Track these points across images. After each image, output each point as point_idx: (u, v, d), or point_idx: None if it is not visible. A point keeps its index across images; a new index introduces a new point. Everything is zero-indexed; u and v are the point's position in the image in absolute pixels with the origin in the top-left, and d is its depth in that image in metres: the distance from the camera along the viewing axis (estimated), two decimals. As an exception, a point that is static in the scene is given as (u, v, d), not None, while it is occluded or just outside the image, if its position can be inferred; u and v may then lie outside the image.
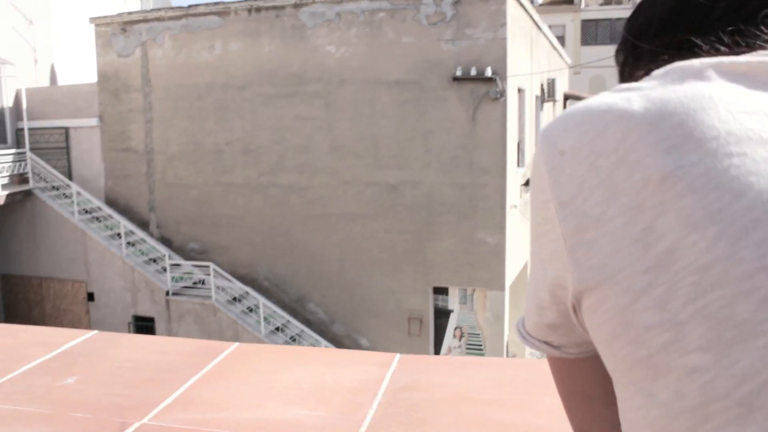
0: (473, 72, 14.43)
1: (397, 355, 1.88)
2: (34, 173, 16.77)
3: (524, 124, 16.71)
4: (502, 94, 14.43)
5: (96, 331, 2.05)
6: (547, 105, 20.16)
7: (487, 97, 14.54)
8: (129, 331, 16.31)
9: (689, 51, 0.63)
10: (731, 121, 0.54)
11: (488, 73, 14.34)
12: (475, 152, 14.80)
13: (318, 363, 1.86)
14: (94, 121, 17.33)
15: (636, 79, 0.68)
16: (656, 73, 0.61)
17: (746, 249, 0.50)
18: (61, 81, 19.98)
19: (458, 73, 14.55)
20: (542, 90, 19.06)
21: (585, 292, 0.59)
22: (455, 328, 15.88)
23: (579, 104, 0.63)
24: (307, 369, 1.81)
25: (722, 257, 0.50)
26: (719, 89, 0.56)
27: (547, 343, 0.70)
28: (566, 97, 23.43)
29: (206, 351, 1.93)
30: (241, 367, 1.82)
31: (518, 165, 16.18)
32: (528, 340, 0.72)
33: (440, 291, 15.73)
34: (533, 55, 17.49)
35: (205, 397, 1.64)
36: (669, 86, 0.58)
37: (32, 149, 17.11)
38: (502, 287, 15.02)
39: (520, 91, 16.09)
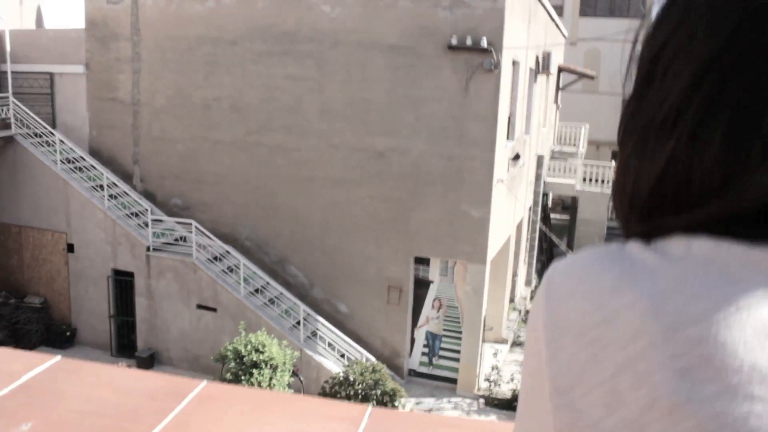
0: (469, 41, 14.23)
1: (369, 409, 1.82)
2: (16, 119, 16.45)
3: (517, 96, 16.56)
4: (497, 65, 14.25)
5: (59, 357, 1.97)
6: (541, 78, 19.98)
7: (482, 68, 14.36)
8: (108, 285, 16.22)
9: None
10: (757, 349, 0.46)
11: (484, 43, 14.14)
12: (465, 123, 14.68)
13: (286, 415, 1.79)
14: (80, 68, 16.97)
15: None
16: (677, 248, 0.53)
17: None
18: (48, 24, 19.50)
19: (453, 41, 14.33)
20: (537, 62, 18.86)
21: None
22: (434, 299, 15.95)
23: (591, 261, 0.56)
24: (274, 422, 1.74)
25: None
26: (749, 297, 0.48)
27: None
28: (560, 70, 23.24)
29: (171, 392, 1.86)
30: (205, 416, 1.75)
31: (508, 138, 16.08)
32: None
33: (421, 261, 15.75)
34: (530, 26, 17.25)
35: (165, 457, 1.57)
36: (691, 277, 0.50)
37: (15, 94, 16.76)
38: (483, 261, 15.05)
39: (514, 63, 15.91)
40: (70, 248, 16.47)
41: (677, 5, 0.57)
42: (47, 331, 16.45)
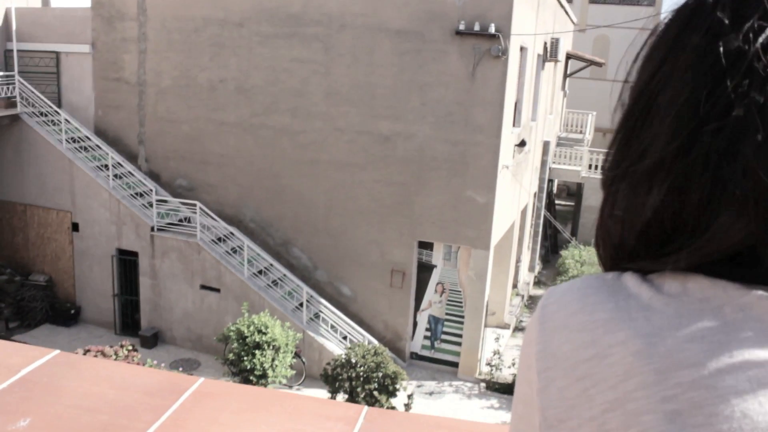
0: (476, 27, 14.14)
1: (365, 409, 1.83)
2: (22, 97, 16.42)
3: (524, 83, 16.47)
4: (504, 52, 14.17)
5: (57, 351, 1.98)
6: (549, 64, 19.86)
7: (489, 54, 14.29)
8: (112, 265, 16.29)
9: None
10: (750, 399, 0.45)
11: (492, 29, 14.06)
12: (471, 109, 14.63)
13: (282, 414, 1.80)
14: (86, 48, 16.92)
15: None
16: (673, 285, 0.53)
17: None
18: (54, 3, 19.39)
19: (461, 27, 14.25)
20: (545, 49, 18.74)
21: None
22: (437, 284, 15.98)
23: (587, 292, 0.56)
24: (270, 422, 1.76)
25: None
26: (741, 342, 0.48)
27: None
28: (569, 57, 23.10)
29: (169, 388, 1.87)
30: (201, 415, 1.77)
31: (514, 125, 16.02)
32: None
33: (425, 245, 15.76)
34: (539, 13, 17.13)
35: (161, 456, 1.58)
36: (685, 317, 0.50)
37: (20, 73, 16.72)
38: (487, 247, 15.06)
39: (522, 49, 15.82)
40: (75, 227, 16.51)
41: (664, 42, 0.57)
42: (52, 308, 16.54)
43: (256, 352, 12.26)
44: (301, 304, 15.32)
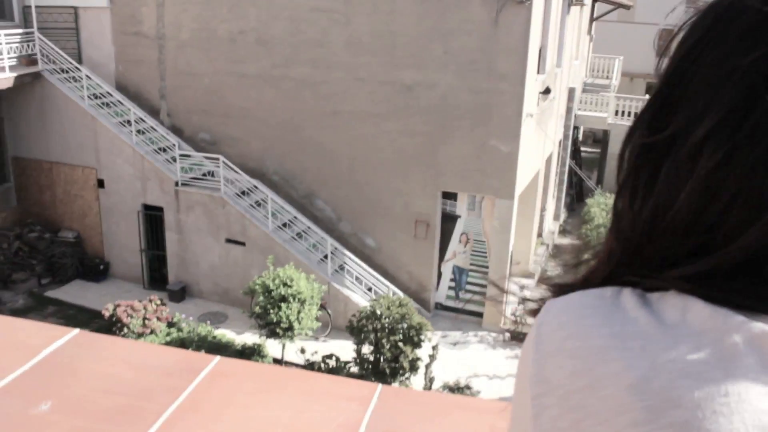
0: (499, -28, 13.79)
1: (379, 387, 1.83)
2: (42, 54, 16.42)
3: (548, 29, 16.12)
4: (528, -3, 13.84)
5: (77, 331, 2.01)
6: (575, 8, 19.38)
7: (512, 0, 13.96)
8: (138, 220, 16.46)
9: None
10: None
11: (515, -26, 13.69)
12: (494, 57, 14.38)
13: (296, 393, 1.82)
14: (103, 2, 16.79)
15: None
16: (672, 313, 0.50)
17: None
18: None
19: (484, -28, 13.90)
20: (571, -8, 18.26)
21: None
22: (461, 234, 15.97)
23: (584, 314, 0.54)
24: (284, 402, 1.77)
25: None
26: (738, 380, 0.45)
27: None
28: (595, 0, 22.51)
29: (185, 368, 1.89)
30: (217, 395, 1.79)
31: (538, 72, 15.74)
32: None
33: (449, 196, 15.71)
34: (564, -46, 16.66)
35: (178, 440, 1.61)
36: (682, 350, 0.47)
37: (40, 29, 16.66)
38: (511, 196, 14.98)
39: (547, -6, 15.43)
40: (101, 183, 16.67)
41: (710, 14, 0.54)
42: (81, 264, 16.83)
43: (282, 305, 12.40)
44: (326, 256, 15.43)
